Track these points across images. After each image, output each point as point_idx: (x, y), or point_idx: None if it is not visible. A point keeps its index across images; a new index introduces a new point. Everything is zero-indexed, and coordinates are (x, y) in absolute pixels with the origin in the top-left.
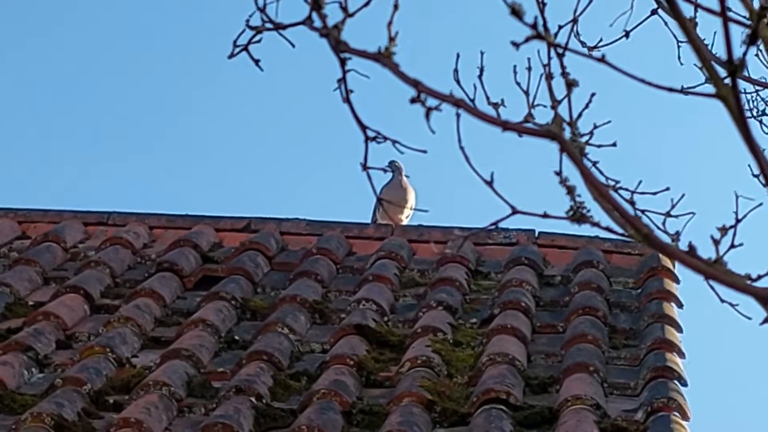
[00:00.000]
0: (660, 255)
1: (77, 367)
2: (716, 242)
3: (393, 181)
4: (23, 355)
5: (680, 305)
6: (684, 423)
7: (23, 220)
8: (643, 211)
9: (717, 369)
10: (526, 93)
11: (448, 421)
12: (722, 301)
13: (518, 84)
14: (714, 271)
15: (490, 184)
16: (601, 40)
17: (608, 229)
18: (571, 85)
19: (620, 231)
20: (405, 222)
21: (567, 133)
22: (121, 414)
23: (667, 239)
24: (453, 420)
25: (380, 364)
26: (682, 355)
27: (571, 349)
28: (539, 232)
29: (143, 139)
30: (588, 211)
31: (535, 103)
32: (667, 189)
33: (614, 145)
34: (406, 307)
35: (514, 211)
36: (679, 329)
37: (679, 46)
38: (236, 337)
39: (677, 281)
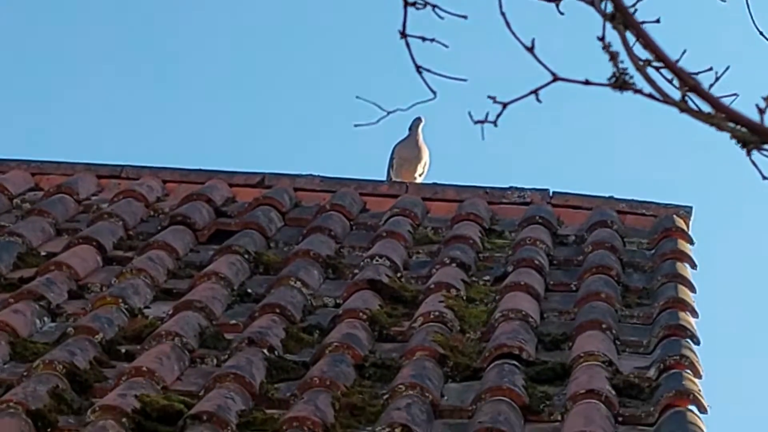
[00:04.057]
0: (674, 216)
1: (89, 317)
2: (761, 111)
3: (409, 139)
4: (35, 304)
5: (694, 266)
6: (696, 380)
7: (36, 172)
8: (683, 88)
9: (730, 329)
10: None
11: (460, 375)
12: (764, 178)
13: None
14: (762, 127)
15: (531, 50)
16: None
17: (650, 96)
18: None
19: (662, 98)
20: (419, 180)
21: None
22: (133, 363)
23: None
24: (465, 374)
25: (393, 319)
26: (695, 314)
27: (584, 306)
28: (553, 192)
29: (155, 93)
30: (631, 78)
31: None
32: (710, 69)
33: (658, 21)
34: (419, 263)
35: (555, 78)
36: (693, 289)
37: None
38: (249, 291)
39: (691, 242)
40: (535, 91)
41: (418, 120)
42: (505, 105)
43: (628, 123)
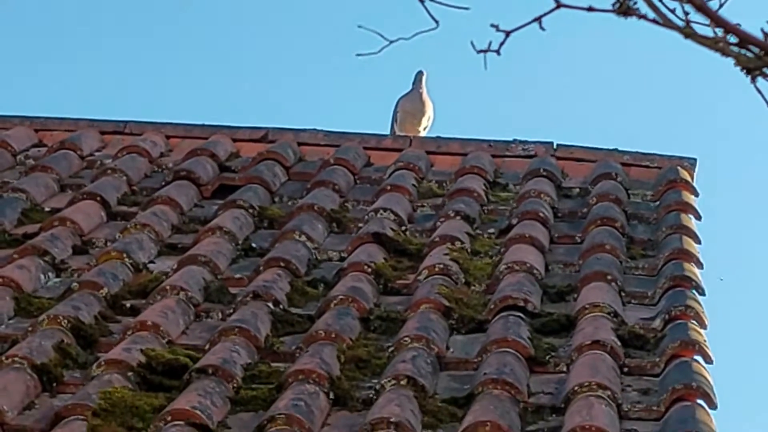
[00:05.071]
0: (679, 168)
1: (94, 272)
2: (766, 35)
3: (412, 92)
4: (40, 260)
5: (698, 217)
6: (701, 331)
7: (40, 128)
8: (687, 14)
9: (736, 282)
10: None
11: (465, 327)
12: None
13: None
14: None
15: None
16: None
17: (654, 21)
18: None
19: (665, 23)
20: (422, 134)
21: None
22: (138, 317)
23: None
24: (470, 327)
25: (398, 272)
26: (700, 265)
27: (588, 258)
28: (557, 145)
29: (158, 47)
30: (634, 3)
31: None
32: None
33: None
34: (423, 217)
35: (559, 5)
36: (698, 240)
37: None
38: (253, 245)
39: (696, 194)
40: (538, 19)
41: (420, 73)
42: (508, 33)
43: (631, 77)
